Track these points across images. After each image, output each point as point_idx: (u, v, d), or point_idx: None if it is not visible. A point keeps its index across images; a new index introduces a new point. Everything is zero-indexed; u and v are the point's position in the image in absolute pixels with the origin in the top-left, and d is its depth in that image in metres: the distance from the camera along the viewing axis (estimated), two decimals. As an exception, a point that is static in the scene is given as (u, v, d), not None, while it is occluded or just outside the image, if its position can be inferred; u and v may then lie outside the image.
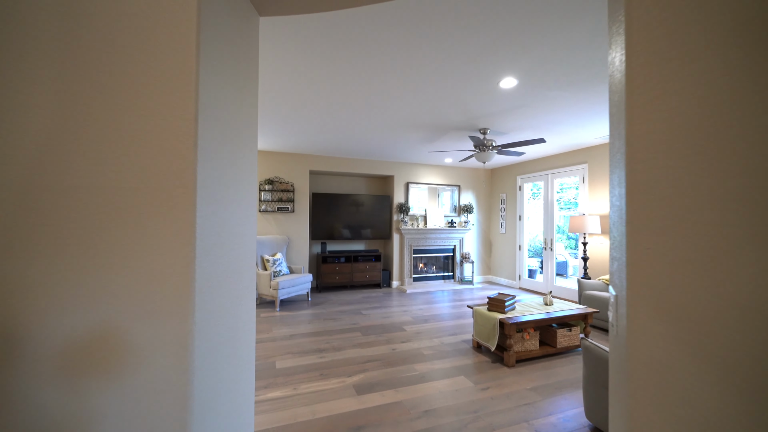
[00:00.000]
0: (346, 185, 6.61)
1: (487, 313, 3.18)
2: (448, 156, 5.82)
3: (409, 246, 6.42)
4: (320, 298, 5.50)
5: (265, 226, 5.51)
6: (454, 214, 6.91)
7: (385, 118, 3.73)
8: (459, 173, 6.94)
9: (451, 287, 6.32)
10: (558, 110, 3.46)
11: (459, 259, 6.81)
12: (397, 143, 4.92)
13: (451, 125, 3.97)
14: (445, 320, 4.32)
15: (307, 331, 3.88)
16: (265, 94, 3.07)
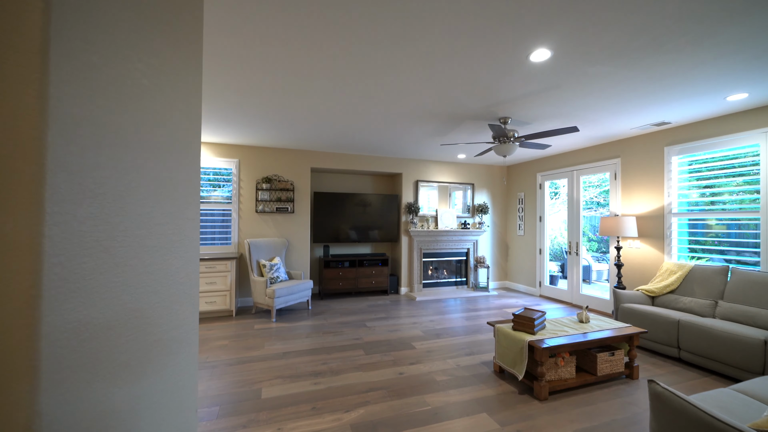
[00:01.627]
0: (350, 184, 6.15)
1: (513, 334, 2.67)
2: (461, 151, 5.31)
3: (418, 249, 5.93)
4: (322, 306, 5.06)
5: (262, 228, 5.10)
6: (467, 215, 6.39)
7: (391, 106, 3.26)
8: (473, 170, 6.41)
9: (464, 294, 5.80)
10: (595, 93, 2.93)
11: (473, 264, 6.28)
12: (405, 136, 4.44)
13: (466, 114, 3.47)
14: (460, 335, 3.81)
15: (304, 347, 3.43)
16: (258, 82, 2.63)
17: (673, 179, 3.94)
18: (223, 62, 2.43)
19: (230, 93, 2.99)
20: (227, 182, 4.96)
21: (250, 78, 2.68)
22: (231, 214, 4.95)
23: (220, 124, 3.93)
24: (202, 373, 2.83)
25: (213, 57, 2.36)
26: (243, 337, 3.68)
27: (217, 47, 2.22)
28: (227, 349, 3.37)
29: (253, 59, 2.37)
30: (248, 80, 2.72)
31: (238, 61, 2.38)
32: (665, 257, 3.97)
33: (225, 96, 3.06)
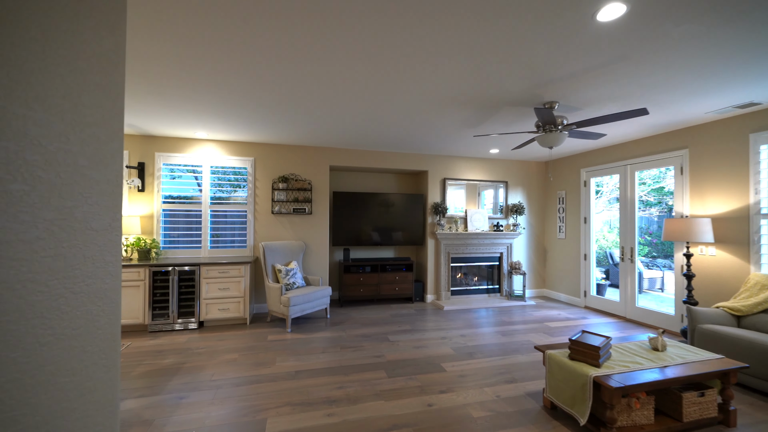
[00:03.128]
0: (371, 183, 5.76)
1: (571, 365, 2.15)
2: (495, 145, 4.77)
3: (446, 253, 5.44)
4: (341, 314, 4.68)
5: (279, 230, 4.80)
6: (500, 216, 5.81)
7: (417, 93, 2.81)
8: (506, 167, 5.83)
9: (497, 304, 5.24)
10: (673, 64, 2.35)
11: (507, 270, 5.70)
12: (432, 129, 3.97)
13: (505, 98, 2.97)
14: (497, 355, 3.30)
15: (319, 365, 3.05)
16: (270, 72, 2.28)
17: (763, 173, 3.23)
18: (230, 52, 2.09)
19: (241, 85, 2.67)
20: (243, 182, 4.70)
21: (262, 68, 2.33)
22: (246, 216, 4.69)
23: (233, 121, 3.65)
24: (204, 394, 2.52)
25: (219, 47, 2.03)
26: (254, 351, 3.36)
27: (224, 36, 1.88)
28: (236, 364, 3.05)
29: (263, 46, 2.01)
30: (260, 71, 2.38)
31: (247, 50, 2.04)
32: (751, 267, 3.27)
33: (236, 89, 2.74)
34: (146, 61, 2.35)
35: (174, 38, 2.06)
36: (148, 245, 4.15)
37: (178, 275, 3.92)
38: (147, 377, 2.79)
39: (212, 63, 2.39)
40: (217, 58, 2.32)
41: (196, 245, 4.50)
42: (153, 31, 1.98)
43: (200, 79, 2.62)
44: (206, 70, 2.49)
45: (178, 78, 2.61)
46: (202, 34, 2.02)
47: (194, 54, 2.24)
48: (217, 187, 4.64)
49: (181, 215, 4.49)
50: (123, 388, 2.60)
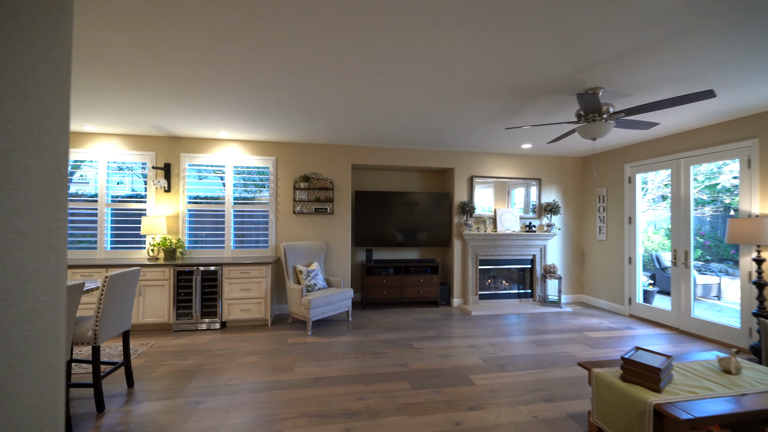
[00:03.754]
0: (395, 181, 5.57)
1: (624, 388, 1.85)
2: (527, 139, 4.43)
3: (473, 255, 5.15)
4: (363, 318, 4.53)
5: (300, 231, 4.72)
6: (532, 216, 5.44)
7: (443, 83, 2.59)
8: (540, 163, 5.45)
9: (529, 310, 4.89)
10: (749, 36, 1.98)
11: (540, 273, 5.32)
12: (459, 123, 3.72)
13: (542, 85, 2.68)
14: (532, 368, 3.01)
15: (339, 372, 2.90)
16: (290, 69, 2.15)
17: None
18: (251, 51, 1.98)
19: (262, 83, 2.57)
20: (266, 182, 4.67)
21: (282, 66, 2.21)
22: (268, 216, 4.65)
23: (254, 119, 3.59)
24: (220, 400, 2.44)
25: (240, 47, 1.92)
26: (273, 354, 3.27)
27: (245, 36, 1.77)
28: (254, 368, 2.97)
29: (282, 44, 1.88)
30: (280, 68, 2.26)
31: (267, 48, 1.92)
32: (842, 276, 2.76)
33: (257, 87, 2.64)
34: (168, 62, 2.29)
35: (196, 39, 1.97)
36: (173, 245, 4.20)
37: (201, 275, 3.92)
38: (167, 379, 2.76)
39: (234, 63, 2.30)
40: (238, 58, 2.22)
41: (220, 245, 4.51)
42: (174, 32, 1.91)
43: (222, 78, 2.55)
44: (228, 70, 2.41)
45: (201, 78, 2.55)
46: (222, 36, 1.92)
47: (216, 54, 2.16)
48: (242, 187, 4.63)
49: (205, 215, 4.52)
50: (143, 390, 2.58)
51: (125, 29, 1.99)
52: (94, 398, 2.28)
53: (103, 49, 2.18)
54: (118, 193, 4.35)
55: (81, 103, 3.15)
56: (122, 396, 2.49)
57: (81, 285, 2.04)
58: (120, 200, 4.33)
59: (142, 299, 3.82)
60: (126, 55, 2.26)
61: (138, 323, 3.83)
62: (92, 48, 2.18)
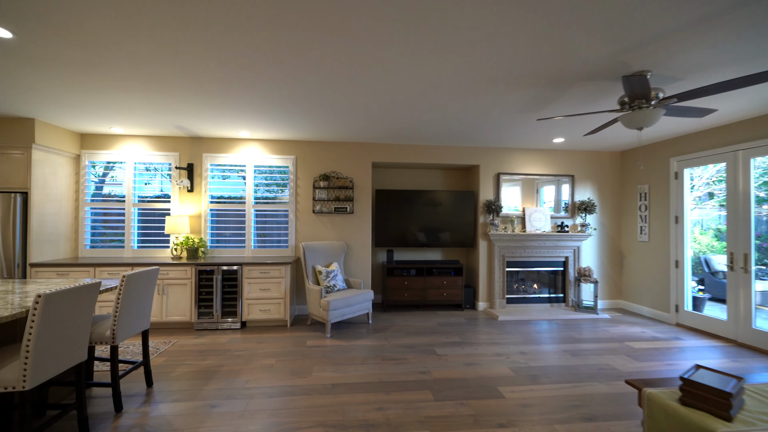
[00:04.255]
0: (417, 179, 5.38)
1: (684, 413, 1.59)
2: (560, 133, 4.12)
3: (500, 257, 4.87)
4: (384, 320, 4.38)
5: (320, 230, 4.64)
6: (564, 215, 5.08)
7: (467, 72, 2.39)
8: (573, 159, 5.09)
9: (562, 316, 4.56)
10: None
11: (573, 277, 4.96)
12: (484, 117, 3.49)
13: (580, 70, 2.42)
14: (568, 381, 2.74)
15: (358, 378, 2.77)
16: (308, 68, 2.05)
17: None
18: (265, 46, 1.89)
19: (279, 79, 2.48)
20: (286, 181, 4.63)
21: (300, 61, 2.10)
22: (288, 215, 4.60)
23: (273, 117, 3.53)
24: (236, 404, 2.36)
25: (256, 44, 1.83)
26: (291, 357, 3.19)
27: (260, 33, 1.68)
28: (272, 371, 2.89)
29: (299, 39, 1.77)
30: (298, 63, 2.15)
31: (283, 43, 1.82)
32: None
33: (274, 82, 2.56)
34: (187, 62, 2.25)
35: (216, 40, 1.90)
36: (195, 244, 4.23)
37: (222, 275, 3.92)
38: (185, 379, 2.73)
39: (250, 59, 2.22)
40: (254, 55, 2.14)
41: (241, 245, 4.51)
42: (193, 32, 1.84)
43: (238, 75, 2.48)
44: (244, 67, 2.34)
45: (218, 76, 2.50)
46: (239, 35, 1.84)
47: (233, 54, 2.08)
48: (265, 186, 4.61)
49: (226, 215, 4.54)
50: (161, 390, 2.56)
51: (146, 30, 1.97)
52: (113, 398, 2.27)
53: (126, 49, 2.15)
54: (148, 194, 4.44)
55: (106, 104, 3.20)
56: (141, 396, 2.48)
57: (97, 284, 2.02)
58: (147, 200, 4.42)
59: (166, 298, 3.86)
60: (147, 55, 2.23)
61: (162, 321, 3.87)
62: (114, 48, 2.17)
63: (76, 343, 1.92)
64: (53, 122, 3.80)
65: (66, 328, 1.83)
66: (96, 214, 4.36)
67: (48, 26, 1.96)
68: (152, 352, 3.25)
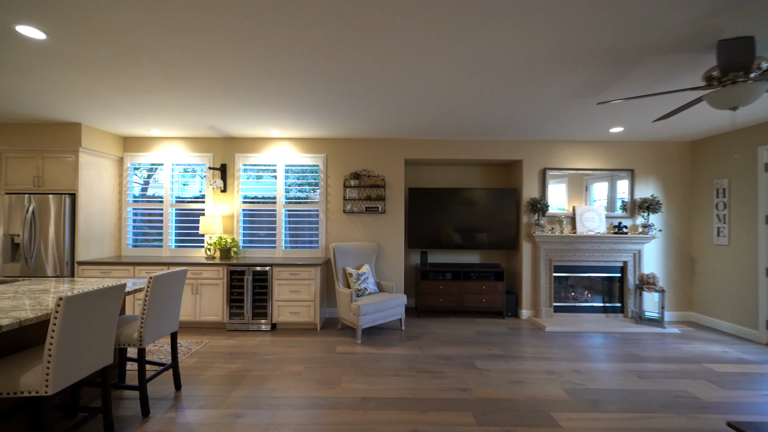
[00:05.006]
0: (453, 177, 5.06)
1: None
2: (621, 119, 3.62)
3: (546, 260, 4.42)
4: (417, 327, 4.12)
5: (350, 231, 4.47)
6: (622, 214, 4.52)
7: (510, 54, 2.08)
8: (633, 151, 4.51)
9: (620, 328, 4.02)
10: None
11: (633, 284, 4.38)
12: (529, 106, 3.12)
13: (652, 40, 2.01)
14: (637, 410, 2.32)
15: (389, 392, 2.54)
16: (339, 62, 1.87)
17: None
18: (295, 41, 1.74)
19: (308, 74, 2.33)
20: (317, 180, 4.51)
21: (330, 54, 1.92)
22: (318, 215, 4.48)
23: (303, 115, 3.40)
24: (261, 415, 2.22)
25: (285, 38, 1.69)
26: (320, 364, 3.03)
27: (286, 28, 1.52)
28: (299, 379, 2.74)
29: (327, 30, 1.60)
30: (328, 56, 1.98)
31: (312, 38, 1.66)
32: None
33: (305, 78, 2.41)
34: (215, 60, 2.15)
35: (245, 40, 1.78)
36: (228, 244, 4.23)
37: (253, 275, 3.86)
38: (213, 384, 2.66)
39: (280, 55, 2.07)
40: (283, 49, 1.99)
41: (272, 245, 4.46)
42: (221, 31, 1.73)
43: (270, 72, 2.36)
44: (275, 61, 2.20)
45: (246, 70, 2.39)
46: (267, 29, 1.70)
47: (262, 51, 1.95)
48: (297, 186, 4.53)
49: (258, 215, 4.51)
50: (189, 394, 2.49)
51: (177, 29, 1.93)
52: (140, 402, 2.22)
53: (154, 46, 2.09)
54: (187, 195, 4.52)
55: (141, 105, 3.24)
56: (169, 400, 2.42)
57: (122, 286, 1.96)
58: (184, 201, 4.50)
59: (199, 297, 3.88)
60: (175, 53, 2.16)
61: (195, 320, 3.90)
62: (144, 46, 2.12)
63: (100, 346, 1.87)
64: (98, 126, 3.96)
65: (90, 331, 1.77)
66: (137, 214, 4.51)
67: (79, 25, 1.93)
68: (184, 352, 3.24)
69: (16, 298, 2.03)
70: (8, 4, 1.76)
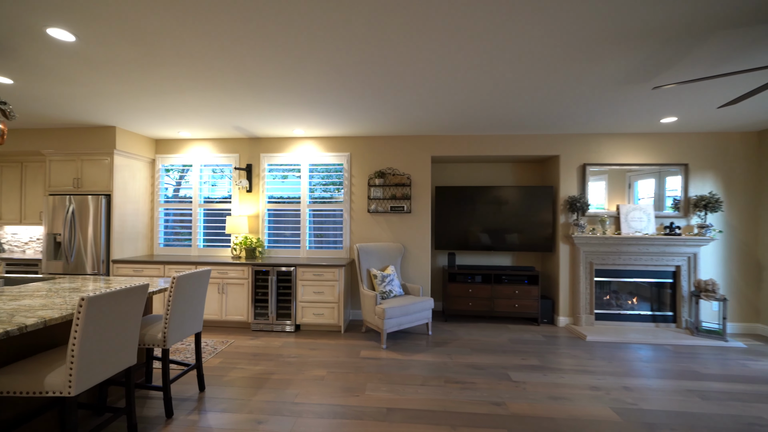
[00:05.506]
0: (482, 174, 4.80)
1: None
2: (677, 107, 3.25)
3: (587, 263, 4.08)
4: (445, 332, 3.92)
5: (375, 231, 4.35)
6: (673, 214, 4.08)
7: (549, 35, 1.85)
8: (687, 143, 4.07)
9: (673, 340, 3.62)
10: None
11: (688, 291, 3.95)
12: (570, 94, 2.84)
13: (723, 13, 1.72)
14: (704, 439, 2.02)
15: (417, 403, 2.37)
16: (362, 55, 1.75)
17: None
18: (317, 35, 1.64)
19: (332, 70, 2.23)
20: (340, 180, 4.43)
21: (353, 47, 1.80)
22: (342, 215, 4.39)
23: (327, 112, 3.32)
24: (282, 422, 2.14)
25: (309, 33, 1.59)
26: (344, 369, 2.92)
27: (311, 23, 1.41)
28: (322, 384, 2.64)
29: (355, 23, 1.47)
30: (351, 50, 1.86)
31: (335, 32, 1.55)
32: None
33: (329, 74, 2.32)
34: (240, 59, 2.10)
35: (269, 39, 1.71)
36: (253, 244, 4.23)
37: (277, 275, 3.83)
38: (236, 386, 2.61)
39: (301, 51, 1.98)
40: (305, 45, 1.89)
41: (296, 245, 4.42)
42: (245, 27, 1.67)
43: (290, 66, 2.28)
44: (297, 57, 2.12)
45: (270, 69, 2.33)
46: (290, 24, 1.60)
47: (287, 48, 1.87)
48: (321, 186, 4.47)
49: (283, 215, 4.49)
50: (212, 397, 2.45)
51: (200, 27, 1.92)
52: (164, 403, 2.20)
53: (179, 46, 2.07)
54: (217, 195, 4.58)
55: (168, 106, 3.27)
56: (192, 401, 2.39)
57: (145, 287, 1.93)
58: (212, 201, 4.56)
59: (225, 297, 3.90)
60: (199, 52, 2.13)
61: (221, 320, 3.92)
62: (169, 46, 2.11)
63: (124, 346, 1.84)
64: (131, 129, 4.08)
65: (113, 332, 1.75)
66: (168, 214, 4.63)
67: (105, 26, 1.93)
68: (210, 352, 3.24)
69: (47, 296, 2.07)
70: (39, 7, 1.77)
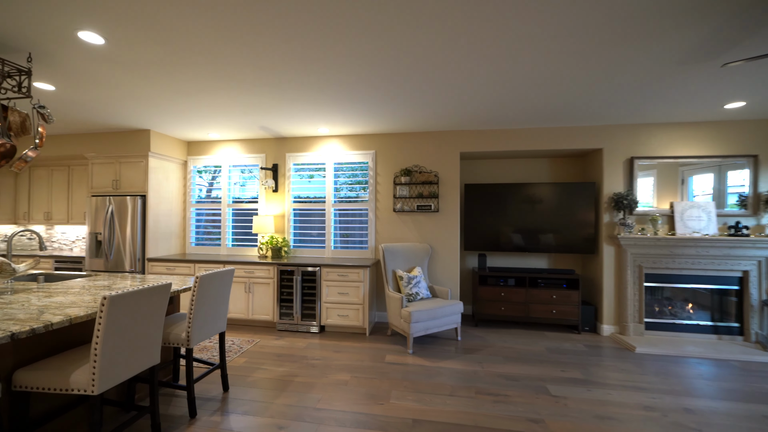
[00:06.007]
0: (514, 171, 4.52)
1: None
2: (746, 91, 2.85)
3: (635, 267, 3.70)
4: (475, 338, 3.70)
5: (401, 231, 4.20)
6: (740, 212, 3.61)
7: (592, 12, 1.63)
8: (756, 131, 3.59)
9: (739, 356, 3.18)
10: None
11: (759, 299, 3.47)
12: (616, 79, 2.54)
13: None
14: (792, 478, 1.69)
15: (445, 416, 2.21)
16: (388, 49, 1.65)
17: None
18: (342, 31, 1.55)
19: (357, 65, 2.13)
20: (365, 179, 4.33)
21: (378, 41, 1.70)
22: (368, 214, 4.29)
23: (351, 109, 3.23)
24: (303, 428, 2.05)
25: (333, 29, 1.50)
26: (368, 374, 2.80)
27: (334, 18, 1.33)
28: (346, 390, 2.54)
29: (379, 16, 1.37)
30: (376, 43, 1.75)
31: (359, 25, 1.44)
32: None
33: (351, 69, 2.22)
34: (262, 58, 2.06)
35: (293, 36, 1.64)
36: (279, 244, 4.23)
37: (302, 275, 3.79)
38: (259, 388, 2.57)
39: (325, 50, 1.90)
40: (328, 41, 1.81)
41: (321, 245, 4.38)
42: (269, 29, 1.61)
43: (314, 65, 2.21)
44: (319, 54, 2.04)
45: (293, 66, 2.27)
46: (313, 26, 1.52)
47: (310, 46, 1.80)
48: (347, 186, 4.40)
49: (308, 214, 4.46)
50: (235, 397, 2.43)
51: (226, 28, 1.90)
52: (188, 403, 2.19)
53: (206, 46, 2.05)
54: (246, 195, 4.65)
55: (197, 107, 3.32)
56: (216, 401, 2.38)
57: (167, 286, 1.92)
58: (241, 201, 4.63)
59: (251, 296, 3.92)
60: (224, 50, 2.10)
61: (248, 319, 3.94)
62: (196, 46, 2.10)
63: (147, 345, 1.83)
64: (164, 131, 4.22)
65: (136, 331, 1.74)
66: (200, 214, 4.75)
67: (133, 28, 1.94)
68: (236, 351, 3.25)
69: (79, 293, 2.11)
70: (68, 10, 1.80)
